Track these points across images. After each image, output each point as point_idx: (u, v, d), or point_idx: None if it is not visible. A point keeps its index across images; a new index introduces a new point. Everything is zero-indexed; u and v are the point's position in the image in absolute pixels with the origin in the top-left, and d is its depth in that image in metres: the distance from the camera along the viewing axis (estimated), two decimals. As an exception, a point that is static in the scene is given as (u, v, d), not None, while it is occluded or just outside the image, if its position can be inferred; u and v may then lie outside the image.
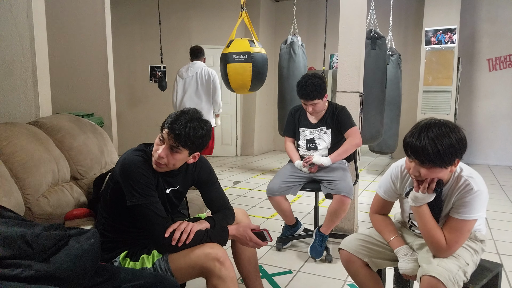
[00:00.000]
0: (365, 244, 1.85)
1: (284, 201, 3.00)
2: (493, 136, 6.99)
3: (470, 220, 1.58)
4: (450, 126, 1.50)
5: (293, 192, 2.95)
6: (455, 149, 1.47)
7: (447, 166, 1.51)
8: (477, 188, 1.56)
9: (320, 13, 7.64)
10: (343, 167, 2.97)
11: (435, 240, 1.60)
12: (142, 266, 1.67)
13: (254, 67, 4.61)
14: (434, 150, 1.45)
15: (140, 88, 7.73)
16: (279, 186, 2.94)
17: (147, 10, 7.25)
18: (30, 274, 1.13)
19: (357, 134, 2.97)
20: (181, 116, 1.64)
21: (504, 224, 3.78)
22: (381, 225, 1.87)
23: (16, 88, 2.55)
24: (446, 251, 1.60)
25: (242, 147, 8.14)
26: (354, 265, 1.84)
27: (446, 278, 1.48)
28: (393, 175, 1.83)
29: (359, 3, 3.31)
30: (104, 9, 3.76)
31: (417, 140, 1.48)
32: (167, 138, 1.64)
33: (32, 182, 1.91)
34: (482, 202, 1.58)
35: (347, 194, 2.75)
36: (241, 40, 4.74)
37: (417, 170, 1.54)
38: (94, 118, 3.64)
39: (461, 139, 1.49)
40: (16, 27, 2.51)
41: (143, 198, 1.63)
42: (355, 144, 2.94)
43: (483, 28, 6.89)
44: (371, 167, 6.82)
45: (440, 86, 6.54)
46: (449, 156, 1.47)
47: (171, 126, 1.62)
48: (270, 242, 1.84)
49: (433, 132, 1.47)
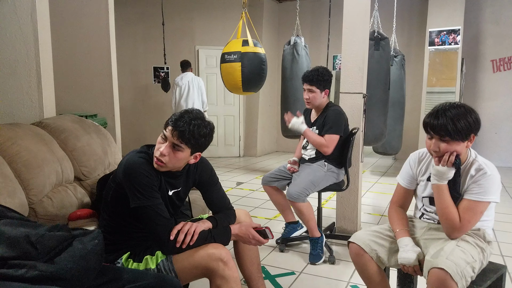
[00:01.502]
0: (376, 239, 1.87)
1: (275, 193, 3.13)
2: (497, 137, 6.96)
3: (483, 201, 1.68)
4: (466, 107, 1.67)
5: (280, 185, 3.09)
6: (471, 126, 1.65)
7: (464, 140, 1.66)
8: (491, 172, 1.68)
9: (324, 14, 7.63)
10: (314, 169, 2.96)
11: (450, 217, 1.69)
12: (145, 267, 1.67)
13: (243, 67, 4.60)
14: (452, 126, 1.62)
15: (144, 89, 7.74)
16: (268, 176, 3.13)
17: (151, 11, 7.26)
18: (34, 274, 1.14)
19: (331, 144, 2.90)
20: (185, 115, 1.65)
21: (508, 226, 3.77)
22: (395, 216, 1.92)
23: (20, 89, 2.57)
24: (459, 230, 1.69)
25: (245, 148, 8.14)
26: (363, 259, 1.85)
27: (454, 271, 1.49)
28: (411, 161, 1.96)
29: (363, 4, 3.30)
30: (107, 10, 3.77)
31: (436, 119, 1.65)
32: (170, 135, 1.64)
33: (36, 182, 1.92)
34: (496, 187, 1.68)
35: (289, 197, 2.85)
36: (236, 40, 4.75)
37: (437, 145, 1.68)
38: (98, 119, 3.65)
39: (476, 119, 1.67)
40: (21, 28, 2.52)
41: (146, 199, 1.63)
42: (322, 146, 2.91)
43: (487, 29, 6.87)
44: (375, 168, 6.80)
45: (443, 87, 6.52)
46: (466, 131, 1.64)
47: (175, 123, 1.63)
48: (271, 239, 1.88)
49: (451, 112, 1.64)
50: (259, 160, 7.60)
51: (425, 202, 1.90)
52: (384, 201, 4.64)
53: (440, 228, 1.82)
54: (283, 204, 3.13)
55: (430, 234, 1.83)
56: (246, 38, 4.73)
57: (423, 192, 1.90)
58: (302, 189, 2.82)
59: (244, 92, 4.85)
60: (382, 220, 3.94)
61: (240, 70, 4.60)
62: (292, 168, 3.07)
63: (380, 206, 4.44)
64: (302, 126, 2.96)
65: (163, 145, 1.66)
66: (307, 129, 2.96)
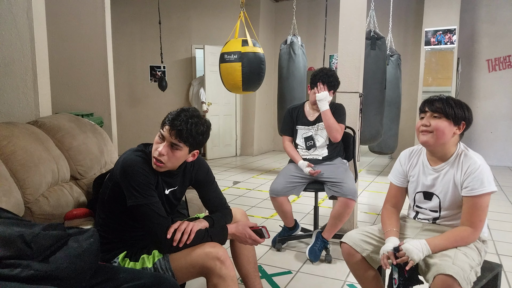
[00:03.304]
0: (366, 239, 1.87)
1: (287, 202, 3.00)
2: (492, 136, 6.99)
3: (486, 193, 1.67)
4: (465, 104, 1.76)
5: (296, 192, 2.94)
6: (465, 114, 1.71)
7: (455, 123, 1.71)
8: (480, 162, 1.70)
9: (320, 13, 7.64)
10: (345, 167, 2.97)
11: (461, 240, 1.68)
12: (142, 266, 1.67)
13: (244, 67, 4.61)
14: (449, 106, 1.70)
15: (140, 88, 7.73)
16: (283, 186, 2.92)
17: (147, 10, 7.25)
18: (29, 274, 1.13)
19: (340, 132, 2.94)
20: (181, 113, 1.65)
21: (503, 225, 3.79)
22: (387, 216, 1.91)
23: (16, 87, 2.55)
24: (474, 235, 1.69)
25: (242, 147, 8.14)
26: (354, 259, 1.86)
27: (461, 277, 1.49)
28: (401, 158, 1.99)
29: (359, 4, 3.31)
30: (104, 8, 3.76)
31: (434, 100, 1.74)
32: (168, 135, 1.63)
33: (32, 182, 1.91)
34: (490, 175, 1.69)
35: (353, 196, 2.73)
36: (235, 40, 4.76)
37: (428, 121, 1.73)
38: (94, 118, 3.63)
39: (471, 116, 1.74)
40: (16, 26, 2.51)
41: (143, 198, 1.62)
42: (337, 132, 2.91)
43: (482, 28, 6.89)
44: (371, 167, 6.82)
45: (439, 86, 6.54)
46: (460, 116, 1.70)
47: (172, 122, 1.63)
48: (267, 238, 1.87)
49: (452, 99, 1.73)
50: (255, 159, 7.60)
51: (418, 198, 1.90)
52: (380, 200, 4.65)
53: (435, 229, 1.83)
54: (290, 211, 3.05)
55: (425, 234, 1.83)
56: (245, 38, 4.73)
57: (416, 188, 1.90)
58: (355, 186, 2.81)
59: (243, 91, 4.87)
60: (378, 219, 3.95)
61: (240, 70, 4.62)
62: (315, 171, 2.90)
63: (376, 205, 4.45)
64: (324, 106, 2.92)
65: (161, 145, 1.66)
66: (327, 109, 2.92)
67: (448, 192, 1.77)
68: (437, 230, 1.81)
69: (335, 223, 2.84)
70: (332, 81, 2.96)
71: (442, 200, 1.80)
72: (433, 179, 1.81)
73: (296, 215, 3.21)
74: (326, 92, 2.92)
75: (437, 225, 1.84)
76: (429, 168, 1.83)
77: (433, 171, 1.82)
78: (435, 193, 1.82)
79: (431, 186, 1.83)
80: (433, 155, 1.82)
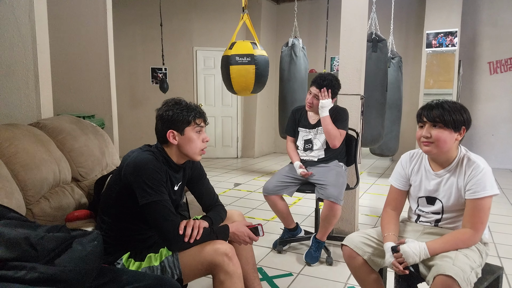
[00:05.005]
0: (367, 242, 1.87)
1: (280, 201, 3.01)
2: (493, 139, 6.98)
3: (487, 196, 1.67)
4: (460, 104, 1.75)
5: (288, 192, 2.96)
6: (464, 119, 1.71)
7: (456, 130, 1.70)
8: (483, 166, 1.70)
9: (322, 15, 7.64)
10: (338, 170, 2.95)
11: (462, 242, 1.68)
12: (149, 264, 1.69)
13: (257, 69, 4.63)
14: (447, 114, 1.68)
15: (141, 90, 7.74)
16: (274, 185, 2.97)
17: (149, 12, 7.26)
18: (34, 276, 1.13)
19: (339, 138, 2.94)
20: (187, 103, 1.84)
21: (505, 227, 3.78)
22: (386, 220, 1.91)
23: (18, 89, 2.56)
24: (475, 237, 1.69)
25: (243, 149, 8.14)
26: (356, 261, 1.86)
27: (461, 278, 1.49)
28: (403, 161, 1.98)
29: (361, 6, 3.31)
30: (106, 10, 3.77)
31: (431, 108, 1.72)
32: (204, 124, 1.84)
33: (33, 183, 1.91)
34: (492, 179, 1.69)
35: (335, 200, 2.72)
36: (243, 42, 4.76)
37: (429, 132, 1.71)
38: (95, 120, 3.64)
39: (469, 118, 1.74)
40: (19, 28, 2.51)
41: (157, 194, 1.65)
42: (335, 139, 2.91)
43: (484, 31, 6.89)
44: (372, 170, 6.81)
45: (441, 89, 6.54)
46: (459, 122, 1.69)
47: (200, 114, 1.82)
48: (262, 236, 1.93)
49: (447, 104, 1.71)
50: (256, 161, 7.60)
51: (421, 202, 1.89)
52: (381, 202, 4.61)
53: (437, 232, 1.82)
54: (286, 211, 3.06)
55: (426, 237, 1.82)
56: (254, 41, 4.75)
57: (418, 192, 1.89)
58: (341, 190, 2.80)
59: (251, 94, 4.91)
60: (379, 222, 3.94)
61: (254, 72, 4.63)
62: (306, 173, 2.94)
63: (377, 208, 4.45)
64: (323, 113, 2.92)
65: (203, 133, 1.83)
66: (327, 116, 2.92)
67: (451, 196, 1.77)
68: (438, 233, 1.81)
69: (325, 225, 2.86)
70: (336, 88, 2.98)
71: (445, 204, 1.79)
72: (436, 184, 1.81)
73: (296, 217, 3.20)
74: (329, 100, 2.93)
75: (439, 228, 1.83)
76: (432, 173, 1.83)
77: (435, 176, 1.82)
78: (438, 198, 1.82)
79: (434, 191, 1.83)
80: (435, 161, 1.82)
